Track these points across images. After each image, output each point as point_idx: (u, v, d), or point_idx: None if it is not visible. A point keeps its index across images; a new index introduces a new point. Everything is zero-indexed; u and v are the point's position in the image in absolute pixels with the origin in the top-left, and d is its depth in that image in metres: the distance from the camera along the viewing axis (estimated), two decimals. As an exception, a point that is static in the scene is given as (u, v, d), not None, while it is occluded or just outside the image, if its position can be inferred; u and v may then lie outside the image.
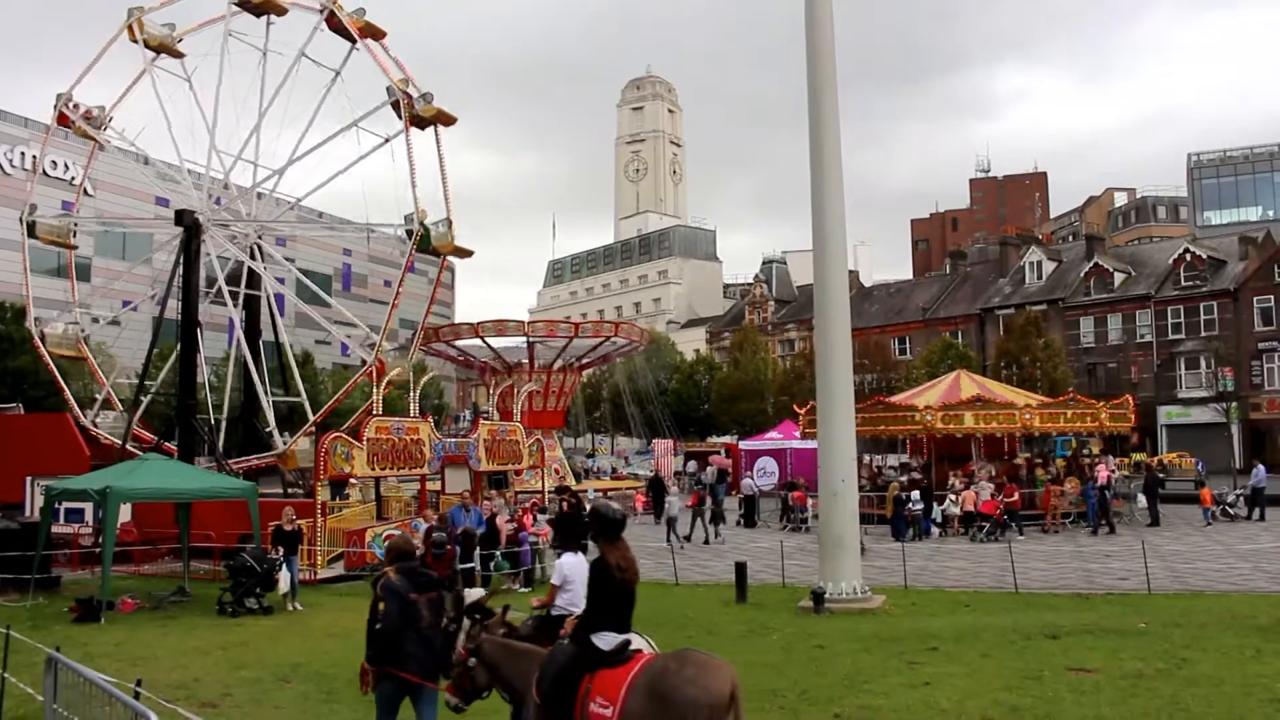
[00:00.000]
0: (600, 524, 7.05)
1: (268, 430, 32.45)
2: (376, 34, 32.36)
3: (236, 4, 32.61)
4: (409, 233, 30.45)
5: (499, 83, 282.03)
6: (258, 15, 33.07)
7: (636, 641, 6.70)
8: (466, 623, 7.47)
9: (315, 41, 32.82)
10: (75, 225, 36.72)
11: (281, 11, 33.16)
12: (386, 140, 31.72)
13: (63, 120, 34.50)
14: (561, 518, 22.08)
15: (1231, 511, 32.40)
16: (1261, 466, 34.08)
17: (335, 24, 32.04)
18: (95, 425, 32.96)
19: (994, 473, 32.52)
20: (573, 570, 8.29)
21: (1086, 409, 34.39)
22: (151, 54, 33.67)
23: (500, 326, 45.47)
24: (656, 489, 37.98)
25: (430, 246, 30.74)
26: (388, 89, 31.37)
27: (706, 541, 28.66)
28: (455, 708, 7.35)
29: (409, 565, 8.10)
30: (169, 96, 33.35)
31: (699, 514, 29.78)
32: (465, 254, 32.49)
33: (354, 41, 32.26)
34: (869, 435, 34.71)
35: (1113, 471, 32.11)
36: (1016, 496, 29.35)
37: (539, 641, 7.37)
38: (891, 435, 35.62)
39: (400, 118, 31.19)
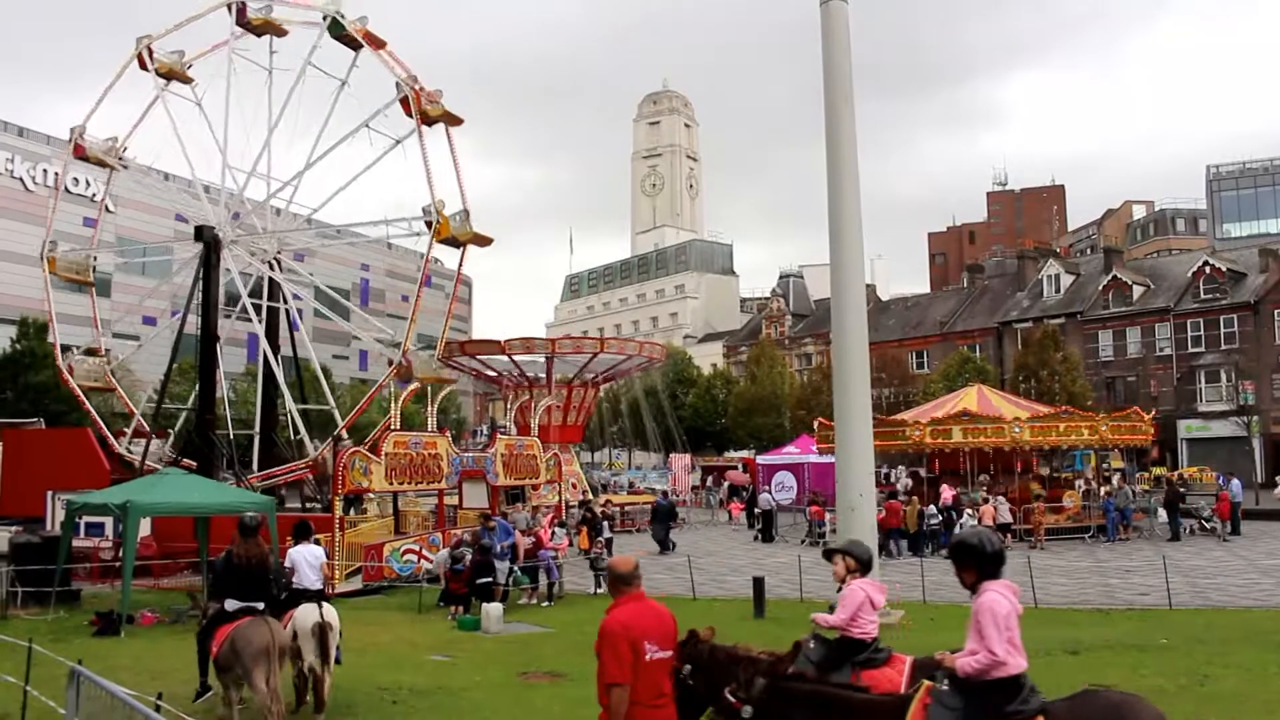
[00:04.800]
0: (239, 526, 10.29)
1: (298, 438, 32.60)
2: (377, 43, 32.44)
3: (240, 26, 33.02)
4: (428, 224, 30.57)
5: (512, 95, 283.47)
6: (259, 35, 33.48)
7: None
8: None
9: (321, 53, 33.17)
10: (94, 260, 37.33)
11: (281, 32, 33.65)
12: (398, 142, 31.82)
13: (78, 152, 35.09)
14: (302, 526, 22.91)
15: (1208, 526, 32.15)
16: (1237, 480, 33.76)
17: (338, 33, 32.28)
18: (130, 452, 33.28)
19: (991, 489, 32.50)
20: (298, 556, 11.69)
21: (1085, 421, 33.94)
22: (163, 81, 34.14)
23: (578, 344, 46.22)
24: (752, 500, 39.90)
25: (450, 236, 30.85)
26: (397, 84, 31.45)
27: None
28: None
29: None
30: (182, 121, 33.92)
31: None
32: (485, 241, 32.30)
33: (358, 48, 32.50)
34: (944, 449, 34.70)
35: (957, 492, 31.44)
36: (884, 514, 28.68)
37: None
38: (884, 450, 35.07)
39: (410, 115, 31.34)
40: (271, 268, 33.69)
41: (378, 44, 32.23)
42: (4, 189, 62.00)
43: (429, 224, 30.52)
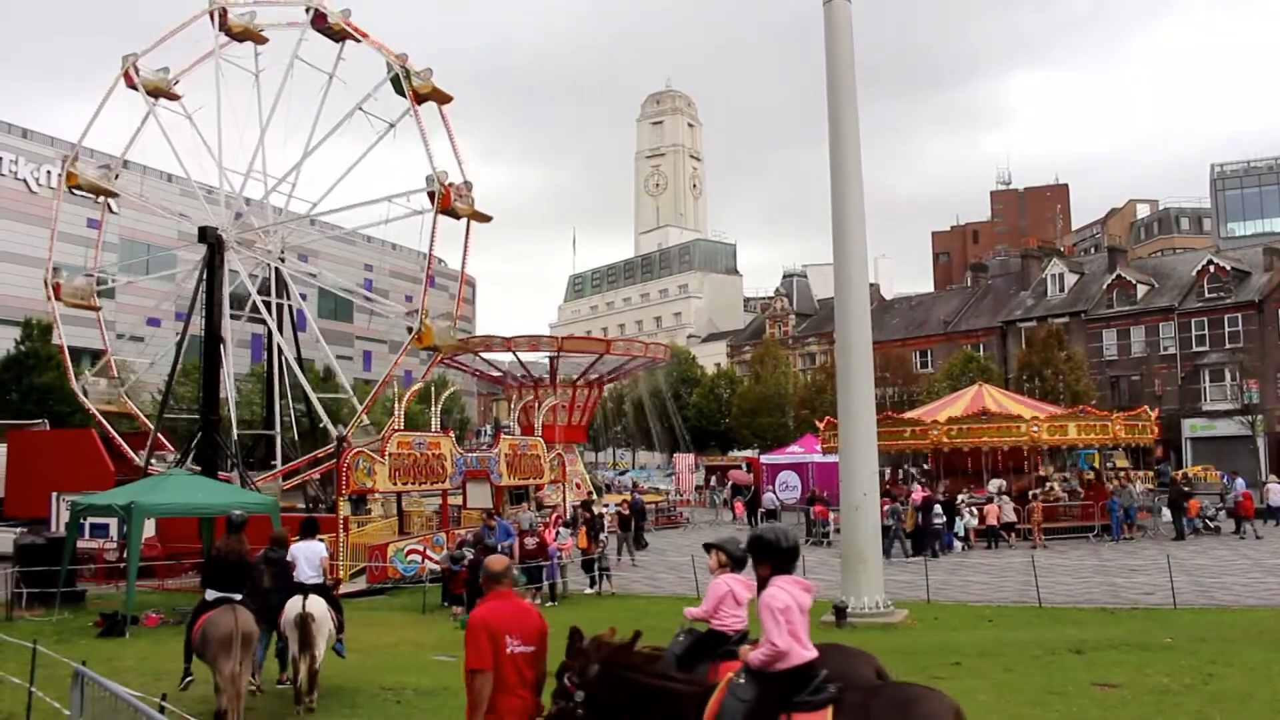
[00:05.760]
0: (225, 523, 11.53)
1: (322, 426, 32.51)
2: (359, 35, 32.38)
3: (223, 33, 33.05)
4: (431, 195, 30.32)
5: (514, 96, 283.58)
6: (241, 42, 33.60)
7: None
8: None
9: (308, 49, 33.12)
10: (114, 175, 36.87)
11: (262, 40, 33.84)
12: (391, 126, 31.68)
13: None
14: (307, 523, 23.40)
15: (1212, 525, 32.06)
16: (1241, 480, 33.61)
17: (321, 24, 32.22)
18: (84, 394, 33.11)
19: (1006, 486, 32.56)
20: (298, 552, 12.34)
21: (1098, 420, 34.02)
22: (152, 99, 34.20)
23: (533, 342, 45.99)
24: (752, 499, 40.65)
25: (414, 89, 30.58)
26: (387, 64, 31.37)
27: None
28: None
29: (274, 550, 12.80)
30: (174, 133, 33.93)
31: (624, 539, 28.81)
32: (445, 99, 31.98)
33: (341, 40, 32.51)
34: (880, 450, 34.67)
35: (929, 492, 31.05)
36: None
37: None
38: (899, 450, 35.02)
39: (402, 94, 31.21)
40: (275, 271, 33.68)
41: (444, 98, 32.14)
42: (7, 190, 62.02)
43: (431, 195, 30.43)
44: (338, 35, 32.51)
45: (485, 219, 32.27)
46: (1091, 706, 10.08)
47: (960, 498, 31.58)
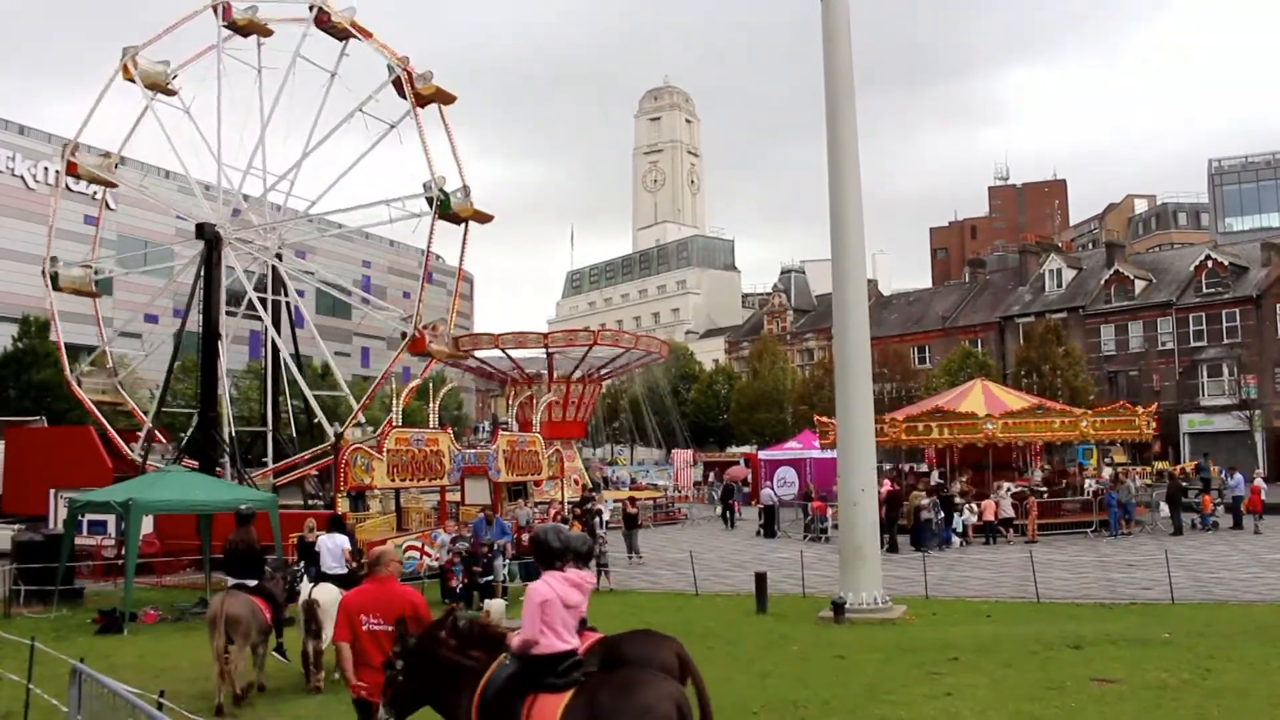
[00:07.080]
0: (235, 516, 13.07)
1: (316, 421, 32.52)
2: (364, 34, 32.21)
3: (226, 27, 32.74)
4: (429, 200, 30.19)
5: (513, 92, 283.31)
6: (245, 36, 33.26)
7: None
8: None
9: (310, 46, 32.87)
10: (95, 272, 36.68)
11: (267, 33, 33.36)
12: (392, 126, 31.60)
13: (71, 169, 34.68)
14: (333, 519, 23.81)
15: (1210, 520, 32.05)
16: (1240, 475, 33.68)
17: (325, 22, 32.01)
18: (78, 384, 32.99)
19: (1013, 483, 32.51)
20: (323, 544, 14.65)
21: (1129, 415, 34.56)
22: (150, 91, 33.93)
23: (520, 339, 45.63)
24: (727, 494, 40.48)
25: (451, 212, 30.57)
26: (388, 66, 31.22)
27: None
28: None
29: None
30: (174, 127, 33.62)
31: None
32: (486, 218, 31.98)
33: (345, 39, 32.35)
34: (920, 445, 34.86)
35: (896, 488, 30.96)
36: None
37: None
38: (949, 444, 34.05)
39: (404, 96, 31.08)
40: (273, 267, 33.62)
41: (447, 99, 32.05)
42: (5, 187, 62.06)
43: (429, 200, 30.29)
44: (341, 34, 32.38)
45: (486, 219, 32.21)
46: (1090, 702, 10.09)
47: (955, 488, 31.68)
